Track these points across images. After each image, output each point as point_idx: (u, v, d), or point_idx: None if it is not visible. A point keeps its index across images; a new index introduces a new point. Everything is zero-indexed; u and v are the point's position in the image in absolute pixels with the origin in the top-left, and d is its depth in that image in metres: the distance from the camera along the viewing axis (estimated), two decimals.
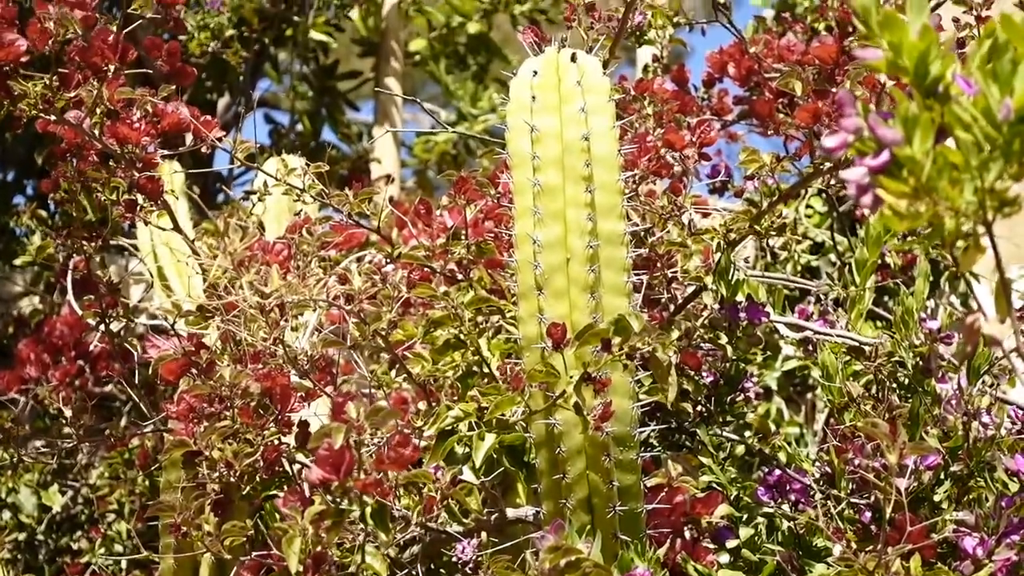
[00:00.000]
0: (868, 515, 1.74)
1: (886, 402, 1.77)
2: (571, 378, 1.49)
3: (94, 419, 2.45)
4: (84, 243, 2.10)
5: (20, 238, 3.78)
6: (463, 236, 1.86)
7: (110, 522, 2.85)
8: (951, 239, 0.87)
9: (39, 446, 2.87)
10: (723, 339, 1.93)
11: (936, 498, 1.74)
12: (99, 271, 2.20)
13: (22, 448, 2.69)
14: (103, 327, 2.18)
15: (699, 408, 1.93)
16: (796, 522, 1.80)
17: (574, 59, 1.60)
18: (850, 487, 1.76)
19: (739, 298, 1.93)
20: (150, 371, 1.74)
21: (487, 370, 1.79)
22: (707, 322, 1.92)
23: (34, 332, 3.10)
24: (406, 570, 1.70)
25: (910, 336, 1.87)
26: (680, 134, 1.88)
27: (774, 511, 1.82)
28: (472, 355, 1.80)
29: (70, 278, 2.33)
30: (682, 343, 1.88)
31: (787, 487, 1.81)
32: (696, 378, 1.90)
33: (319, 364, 1.73)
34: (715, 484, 1.83)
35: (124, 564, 2.67)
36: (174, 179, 2.76)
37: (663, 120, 1.93)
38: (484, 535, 1.68)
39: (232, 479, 1.60)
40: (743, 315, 1.91)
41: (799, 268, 2.86)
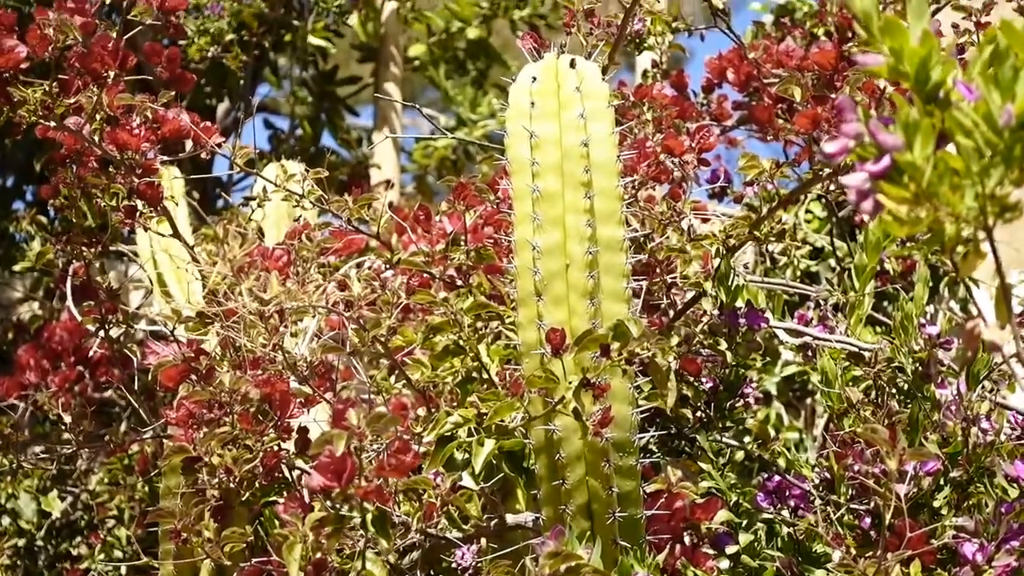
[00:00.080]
0: (868, 521, 1.74)
1: (885, 408, 1.77)
2: (570, 384, 1.49)
3: (93, 425, 2.45)
4: (84, 249, 2.10)
5: (20, 244, 3.77)
6: (462, 242, 1.86)
7: (110, 528, 2.84)
8: (951, 245, 0.87)
9: (38, 452, 2.87)
10: (723, 345, 1.92)
11: (936, 504, 1.74)
12: (99, 277, 2.20)
13: (21, 454, 2.69)
14: (103, 333, 2.18)
15: (698, 414, 1.93)
16: (796, 528, 1.80)
17: (573, 65, 1.60)
18: (850, 493, 1.76)
19: (739, 304, 1.93)
20: (150, 377, 1.74)
21: (486, 376, 1.79)
22: (706, 328, 1.92)
23: (33, 338, 3.09)
24: None
25: (910, 341, 1.87)
26: (679, 140, 1.88)
27: (774, 517, 1.82)
28: (471, 361, 1.79)
29: (69, 284, 2.33)
30: (681, 349, 1.88)
31: (787, 493, 1.81)
32: (695, 384, 1.90)
33: (318, 370, 1.73)
34: (715, 490, 1.83)
35: (124, 570, 2.67)
36: (174, 185, 2.76)
37: (662, 126, 1.93)
38: (484, 541, 1.68)
39: (232, 485, 1.60)
40: (743, 321, 1.91)
41: (799, 273, 2.86)
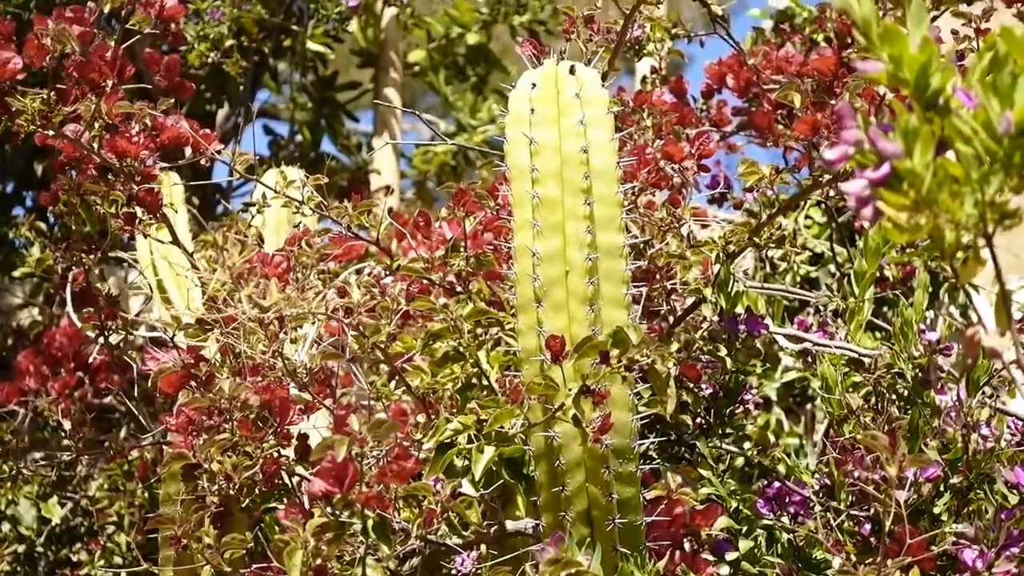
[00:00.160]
0: (868, 527, 1.73)
1: (885, 414, 1.77)
2: (570, 391, 1.49)
3: (93, 431, 2.45)
4: (83, 255, 2.10)
5: (19, 249, 3.77)
6: (462, 248, 1.86)
7: (110, 534, 2.84)
8: (951, 251, 0.87)
9: (38, 458, 2.87)
10: (722, 351, 1.92)
11: (936, 510, 1.74)
12: (98, 283, 2.20)
13: (21, 460, 2.69)
14: (102, 339, 2.18)
15: (698, 420, 1.93)
16: (796, 534, 1.80)
17: (573, 71, 1.60)
18: (850, 499, 1.76)
19: (738, 310, 1.93)
20: (149, 383, 1.74)
21: (486, 382, 1.79)
22: (706, 334, 1.92)
23: (33, 344, 3.09)
24: None
25: (909, 347, 1.87)
26: (679, 146, 1.88)
27: (773, 523, 1.82)
28: (471, 367, 1.79)
29: (69, 290, 2.33)
30: (681, 355, 1.88)
31: (787, 499, 1.81)
32: (695, 390, 1.90)
33: (318, 377, 1.73)
34: (714, 496, 1.83)
35: None
36: (173, 191, 2.76)
37: (662, 132, 1.93)
38: (484, 548, 1.68)
39: (231, 492, 1.60)
40: (742, 327, 1.91)
41: (798, 279, 2.86)
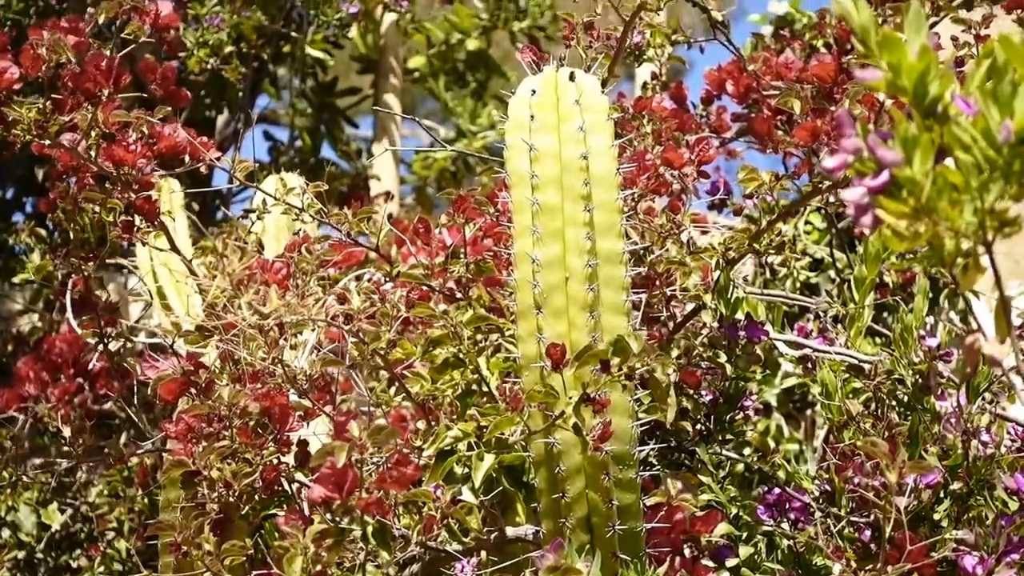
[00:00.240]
0: (868, 533, 1.73)
1: (885, 420, 1.77)
2: (570, 398, 1.49)
3: (93, 437, 2.45)
4: (83, 262, 2.10)
5: (19, 256, 3.78)
6: (462, 254, 1.86)
7: (109, 540, 2.83)
8: (951, 259, 0.87)
9: (38, 464, 2.87)
10: (722, 357, 1.92)
11: (936, 517, 1.74)
12: (98, 290, 2.20)
13: (21, 466, 2.69)
14: (102, 346, 2.18)
15: (698, 426, 1.93)
16: (796, 540, 1.80)
17: (572, 78, 1.60)
18: (850, 505, 1.76)
19: (738, 316, 1.93)
20: (149, 390, 1.74)
21: (486, 389, 1.79)
22: (706, 340, 1.92)
23: (33, 350, 3.09)
24: None
25: (909, 354, 1.87)
26: (679, 152, 1.88)
27: (774, 529, 1.82)
28: (471, 374, 1.79)
29: (69, 296, 2.33)
30: (681, 361, 1.88)
31: (787, 505, 1.81)
32: (695, 396, 1.90)
33: (318, 383, 1.73)
34: (714, 502, 1.83)
35: None
36: (172, 198, 2.76)
37: (662, 138, 1.93)
38: (484, 554, 1.67)
39: (231, 498, 1.60)
40: (742, 333, 1.91)
41: (798, 285, 2.86)
